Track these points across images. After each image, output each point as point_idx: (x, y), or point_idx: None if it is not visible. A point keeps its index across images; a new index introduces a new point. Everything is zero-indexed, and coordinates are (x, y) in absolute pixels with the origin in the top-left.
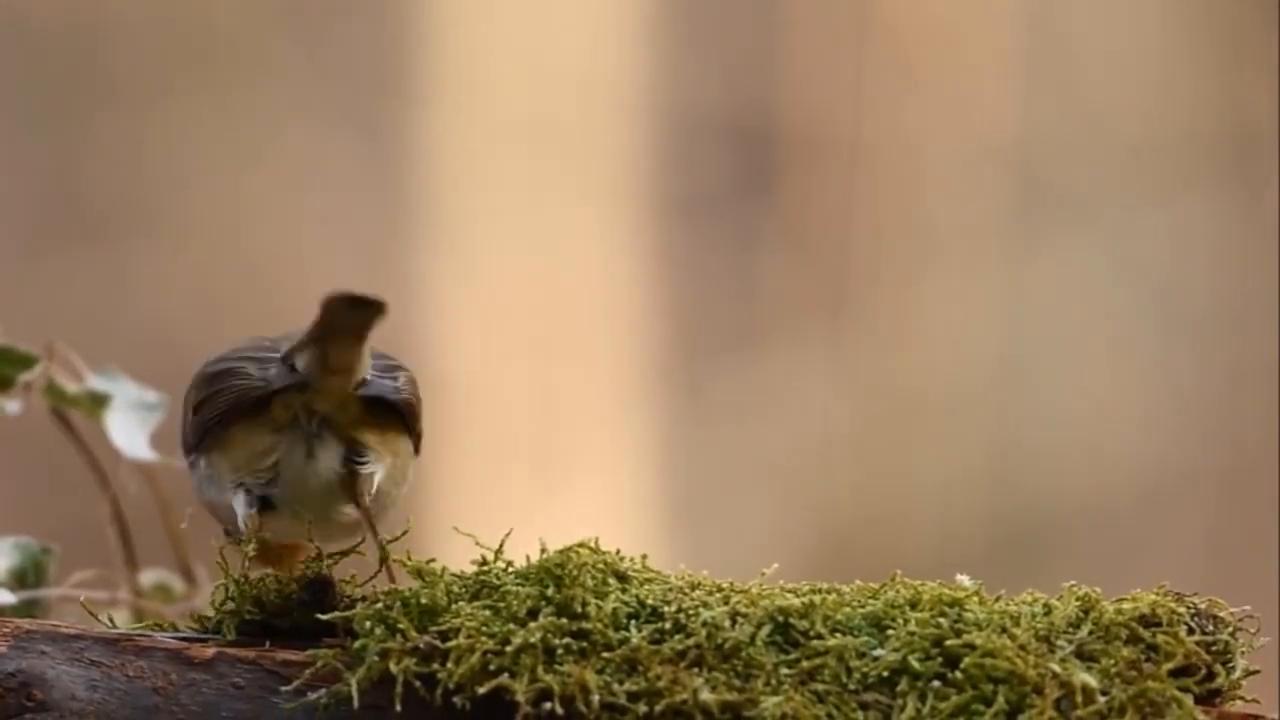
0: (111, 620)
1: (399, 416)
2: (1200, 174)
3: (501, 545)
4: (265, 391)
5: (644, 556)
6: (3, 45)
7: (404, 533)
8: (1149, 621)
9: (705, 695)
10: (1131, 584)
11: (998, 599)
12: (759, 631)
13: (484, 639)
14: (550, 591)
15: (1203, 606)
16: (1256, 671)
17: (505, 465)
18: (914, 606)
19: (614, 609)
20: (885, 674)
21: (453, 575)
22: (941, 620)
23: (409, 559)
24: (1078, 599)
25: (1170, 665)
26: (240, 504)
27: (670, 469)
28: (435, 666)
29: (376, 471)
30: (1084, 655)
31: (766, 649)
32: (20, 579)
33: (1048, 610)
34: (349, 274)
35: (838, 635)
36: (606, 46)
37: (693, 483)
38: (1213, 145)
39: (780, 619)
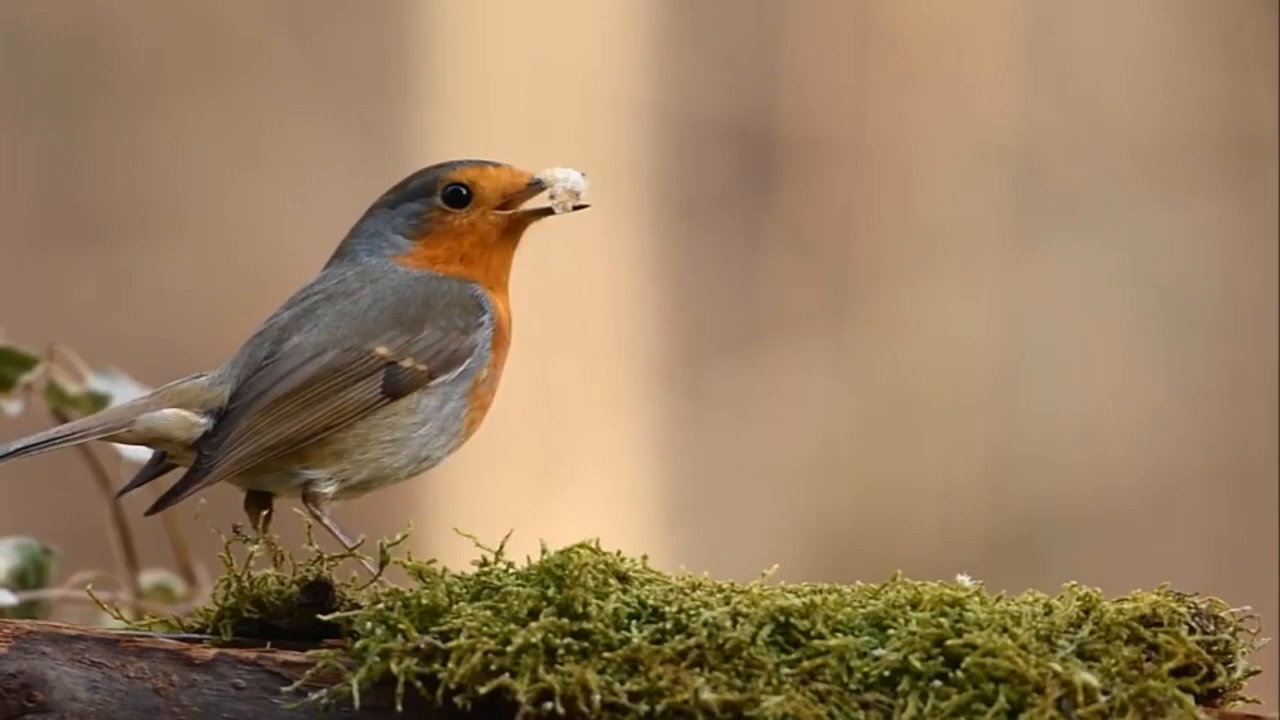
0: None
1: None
2: (1204, 174)
3: (502, 546)
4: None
5: (645, 557)
6: (1, 46)
7: (404, 536)
8: (1150, 621)
9: (706, 695)
10: (1136, 586)
11: (998, 599)
12: (760, 631)
13: (485, 639)
14: (551, 592)
15: (1204, 606)
16: (1257, 671)
17: (506, 466)
18: (915, 606)
19: (615, 609)
20: (886, 673)
21: (454, 576)
22: (942, 620)
23: (410, 559)
24: (1078, 599)
25: (1171, 665)
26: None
27: (671, 469)
28: (436, 667)
29: (311, 481)
30: (1085, 655)
31: (767, 649)
32: (21, 580)
33: (1049, 610)
34: None
35: (839, 635)
36: (608, 46)
37: (693, 483)
38: (1216, 145)
39: (781, 619)
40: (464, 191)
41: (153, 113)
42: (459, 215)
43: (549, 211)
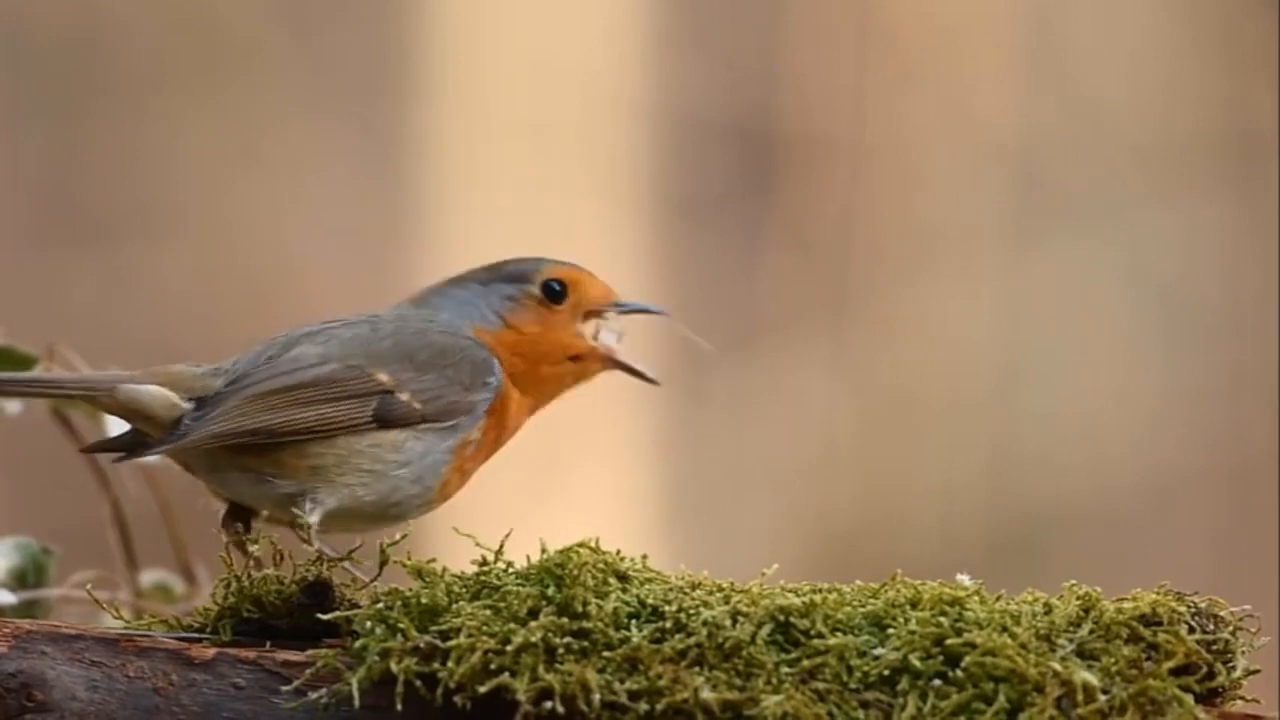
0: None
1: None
2: (1204, 174)
3: (502, 545)
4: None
5: (644, 556)
6: (1, 46)
7: (403, 536)
8: (1150, 620)
9: (706, 694)
10: (1136, 586)
11: (998, 599)
12: (760, 631)
13: (485, 638)
14: (551, 591)
15: (1203, 605)
16: (1257, 671)
17: (506, 465)
18: (914, 606)
19: (615, 608)
20: (886, 673)
21: (453, 575)
22: (942, 619)
23: (409, 559)
24: (1078, 598)
25: (1171, 664)
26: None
27: (671, 469)
28: (436, 666)
29: (291, 500)
30: (1085, 654)
31: (767, 648)
32: (21, 579)
33: (1048, 609)
34: (348, 273)
35: (838, 634)
36: (608, 46)
37: (693, 483)
38: (1216, 145)
39: (781, 618)
40: (559, 288)
41: (153, 113)
42: (551, 310)
43: (630, 371)
